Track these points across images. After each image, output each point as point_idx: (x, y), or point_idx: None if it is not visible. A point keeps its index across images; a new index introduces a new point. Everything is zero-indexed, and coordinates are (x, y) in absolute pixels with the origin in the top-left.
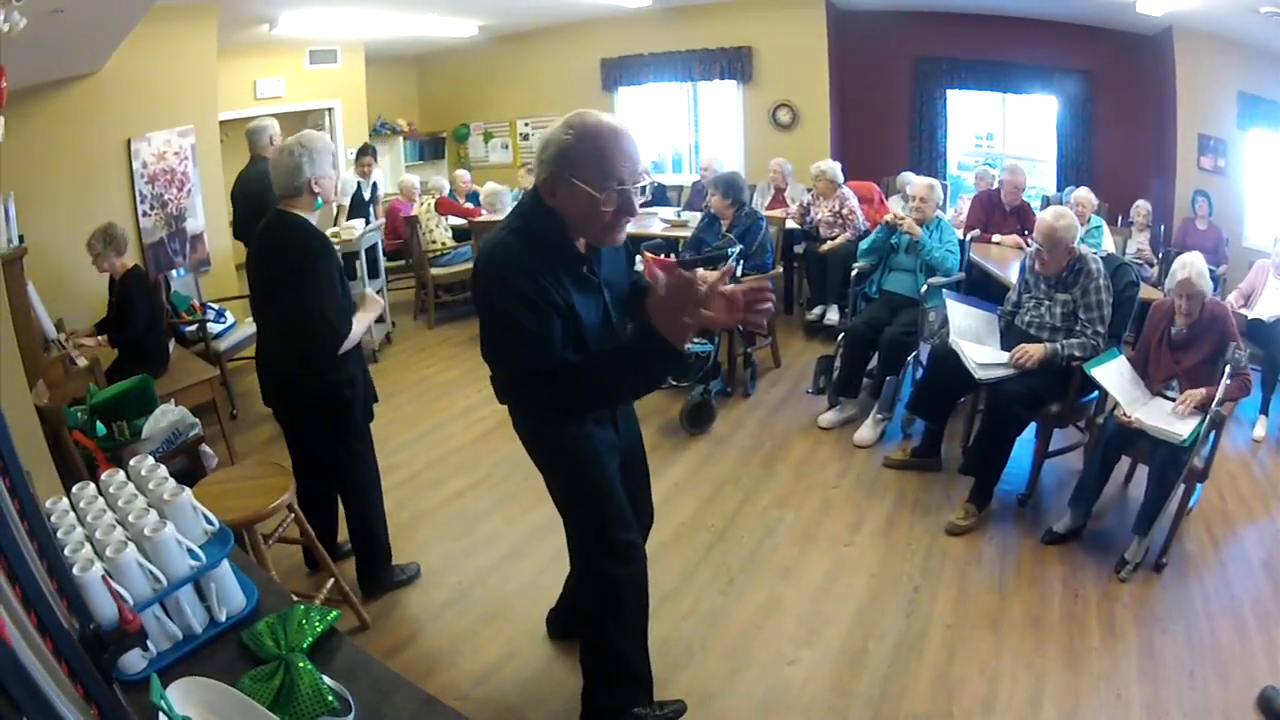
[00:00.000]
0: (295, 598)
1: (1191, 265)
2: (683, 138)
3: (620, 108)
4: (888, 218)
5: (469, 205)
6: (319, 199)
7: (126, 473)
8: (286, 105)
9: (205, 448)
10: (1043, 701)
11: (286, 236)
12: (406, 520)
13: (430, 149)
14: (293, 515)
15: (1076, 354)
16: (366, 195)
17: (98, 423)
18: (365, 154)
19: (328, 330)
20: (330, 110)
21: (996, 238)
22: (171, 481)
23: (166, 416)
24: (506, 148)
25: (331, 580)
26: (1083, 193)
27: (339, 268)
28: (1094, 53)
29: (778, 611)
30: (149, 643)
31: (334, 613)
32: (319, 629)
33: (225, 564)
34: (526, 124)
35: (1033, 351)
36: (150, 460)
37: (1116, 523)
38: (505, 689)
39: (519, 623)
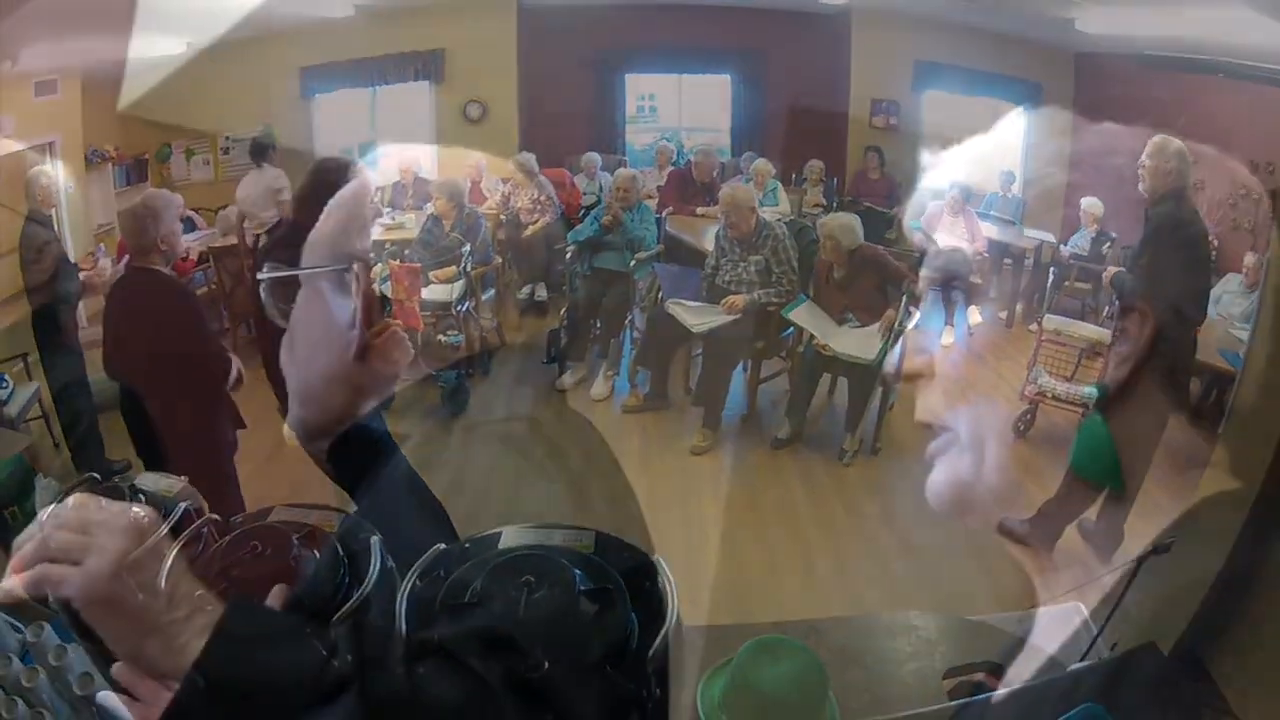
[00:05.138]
0: None
1: (828, 225)
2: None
3: (318, 115)
4: (605, 220)
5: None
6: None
7: None
8: (16, 143)
9: None
10: (814, 559)
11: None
12: None
13: (135, 172)
14: None
15: (773, 299)
16: None
17: None
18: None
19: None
20: (52, 144)
21: (700, 210)
22: None
23: (48, 490)
24: (208, 164)
25: None
26: (760, 163)
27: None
28: (768, 32)
29: None
30: None
31: None
32: None
33: None
34: (228, 138)
35: (737, 301)
36: None
37: (830, 425)
38: None
39: None
